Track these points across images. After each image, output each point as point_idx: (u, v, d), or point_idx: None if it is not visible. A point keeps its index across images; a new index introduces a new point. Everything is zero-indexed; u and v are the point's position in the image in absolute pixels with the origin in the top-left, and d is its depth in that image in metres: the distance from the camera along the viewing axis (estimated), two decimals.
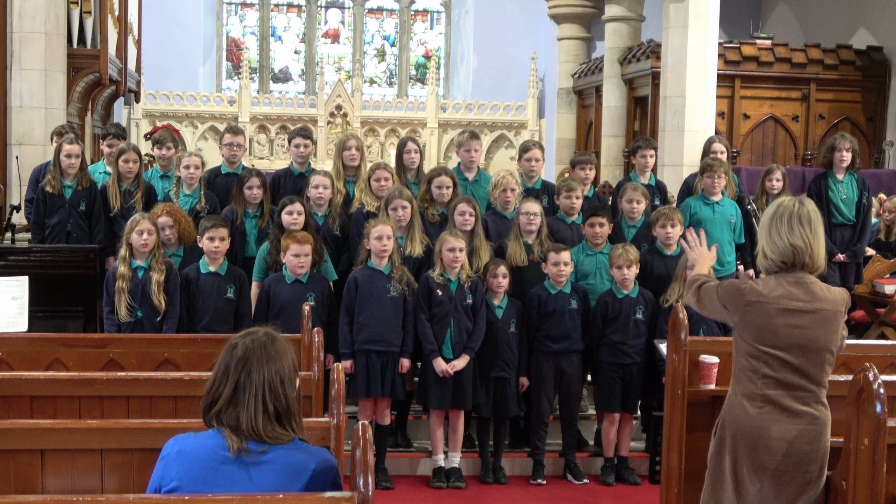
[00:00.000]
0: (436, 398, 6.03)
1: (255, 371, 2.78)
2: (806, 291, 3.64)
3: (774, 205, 3.74)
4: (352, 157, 7.04)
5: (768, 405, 3.65)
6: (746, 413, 3.68)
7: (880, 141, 12.52)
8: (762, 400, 3.65)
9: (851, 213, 7.89)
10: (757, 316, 3.65)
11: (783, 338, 3.63)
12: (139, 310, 5.86)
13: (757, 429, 3.65)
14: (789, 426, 3.63)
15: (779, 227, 3.64)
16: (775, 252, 3.65)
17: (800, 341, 3.62)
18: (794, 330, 3.62)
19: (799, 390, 3.65)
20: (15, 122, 9.27)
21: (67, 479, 3.45)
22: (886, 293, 8.21)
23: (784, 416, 3.64)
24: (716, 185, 7.17)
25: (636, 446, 6.55)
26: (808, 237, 3.62)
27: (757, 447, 3.65)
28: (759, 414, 3.65)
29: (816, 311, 3.63)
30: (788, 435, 3.63)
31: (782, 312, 3.62)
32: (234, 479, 2.73)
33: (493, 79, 17.45)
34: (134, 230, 5.86)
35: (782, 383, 3.64)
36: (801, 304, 3.62)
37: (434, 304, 6.03)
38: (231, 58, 18.54)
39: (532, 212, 6.36)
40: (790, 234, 3.62)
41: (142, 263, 5.89)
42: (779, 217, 3.65)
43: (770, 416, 3.64)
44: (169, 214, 6.34)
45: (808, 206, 3.66)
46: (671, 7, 10.28)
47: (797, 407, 3.64)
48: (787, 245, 3.62)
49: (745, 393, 3.70)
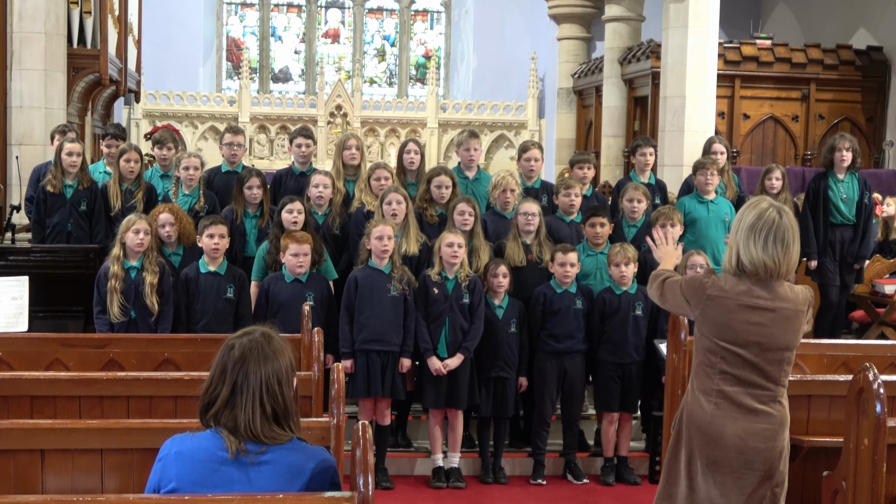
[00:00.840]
0: (431, 397, 6.03)
1: (252, 373, 2.77)
2: (768, 290, 3.63)
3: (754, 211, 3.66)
4: (352, 157, 7.05)
5: (724, 401, 3.64)
6: (702, 409, 3.67)
7: (880, 141, 12.52)
8: (718, 395, 3.65)
9: (851, 213, 7.89)
10: (716, 311, 3.65)
11: (741, 334, 3.62)
12: (132, 310, 5.85)
13: (711, 425, 3.64)
14: (744, 424, 3.62)
15: (756, 240, 3.61)
16: (749, 262, 3.63)
17: (758, 338, 3.62)
18: (752, 327, 3.61)
19: (755, 388, 3.64)
20: (15, 122, 9.27)
21: (67, 479, 3.45)
22: (886, 293, 8.21)
23: (739, 414, 3.63)
24: (709, 182, 7.18)
25: (636, 446, 6.55)
26: (779, 257, 3.61)
27: (711, 443, 3.65)
28: (715, 410, 3.64)
29: (777, 309, 3.62)
30: (743, 432, 3.62)
31: (742, 308, 3.62)
32: (233, 480, 2.73)
33: (493, 79, 17.44)
34: (130, 230, 5.85)
35: (738, 380, 3.63)
36: (762, 302, 3.61)
37: (430, 303, 6.03)
38: (231, 58, 18.54)
39: (530, 212, 6.36)
40: (764, 252, 3.60)
41: (134, 263, 5.88)
42: (759, 230, 3.61)
43: (725, 413, 3.63)
44: (171, 212, 6.36)
45: (786, 220, 3.62)
46: (671, 7, 10.28)
47: (753, 405, 3.63)
48: (761, 261, 3.61)
49: (702, 388, 3.70)
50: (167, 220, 6.28)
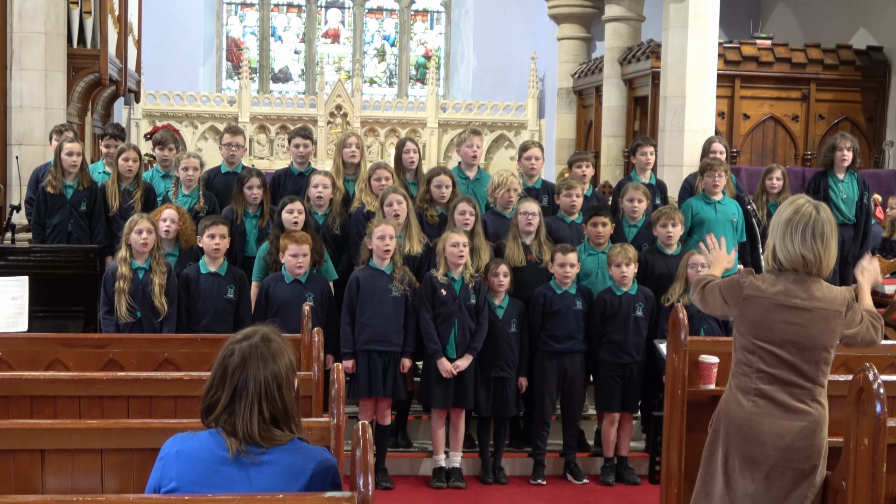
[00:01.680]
0: (439, 398, 6.03)
1: (251, 378, 2.76)
2: (805, 290, 3.66)
3: (792, 208, 3.70)
4: (351, 154, 7.05)
5: (762, 399, 3.67)
6: (740, 406, 3.70)
7: (880, 141, 12.52)
8: (755, 394, 3.68)
9: (851, 213, 7.89)
10: (754, 310, 3.69)
11: (778, 333, 3.65)
12: (139, 310, 5.85)
13: (749, 422, 3.67)
14: (782, 421, 3.64)
15: (793, 235, 3.65)
16: (787, 258, 3.68)
17: (795, 338, 3.64)
18: (789, 326, 3.64)
19: (793, 387, 3.66)
20: (15, 122, 9.27)
21: (67, 479, 3.45)
22: (886, 293, 8.20)
23: (777, 411, 3.65)
24: (717, 184, 7.18)
25: (636, 446, 6.56)
26: (819, 251, 3.64)
27: (748, 441, 3.67)
28: (752, 408, 3.67)
29: (814, 309, 3.65)
30: (780, 430, 3.64)
31: (779, 308, 3.65)
32: (234, 480, 2.73)
33: (493, 79, 17.43)
34: (133, 230, 5.86)
35: (776, 378, 3.66)
36: (799, 302, 3.64)
37: (438, 304, 6.02)
38: (231, 58, 18.54)
39: (530, 211, 6.35)
40: (802, 246, 3.64)
41: (142, 264, 5.88)
42: (795, 224, 3.65)
43: (763, 411, 3.65)
44: (177, 210, 6.40)
45: (824, 215, 3.67)
46: (671, 7, 10.28)
47: (791, 403, 3.65)
48: (799, 255, 3.65)
49: (740, 387, 3.73)
50: (170, 216, 6.30)
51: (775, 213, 3.80)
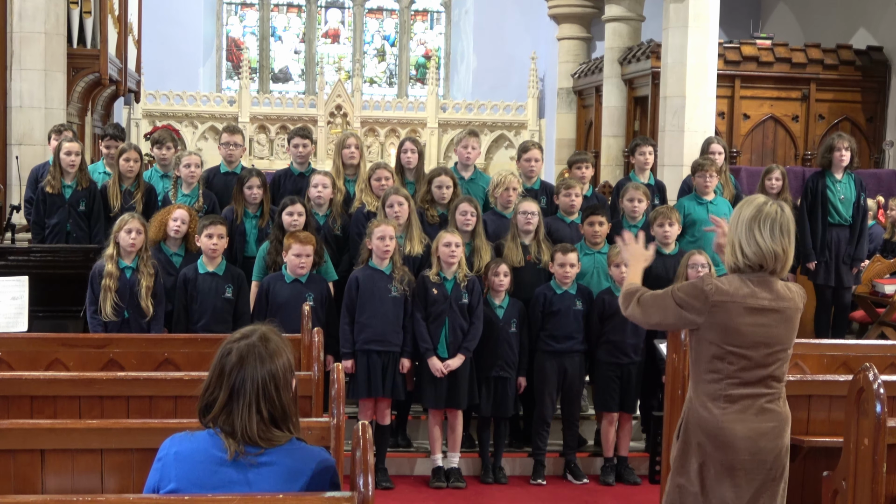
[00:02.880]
0: (431, 397, 6.03)
1: (248, 378, 2.75)
2: (769, 290, 3.62)
3: (752, 205, 3.64)
4: (351, 155, 7.05)
5: (733, 405, 3.62)
6: (710, 414, 3.64)
7: (880, 141, 12.52)
8: (726, 400, 3.62)
9: (848, 213, 7.88)
10: (723, 316, 3.60)
11: (749, 336, 3.60)
12: (126, 310, 5.84)
13: (722, 429, 3.62)
14: (753, 425, 3.62)
15: (762, 230, 3.59)
16: (756, 254, 3.60)
17: (764, 339, 3.61)
18: (758, 328, 3.60)
19: (763, 388, 3.64)
20: (15, 122, 9.27)
21: (67, 479, 3.45)
22: (886, 293, 8.21)
23: (748, 415, 3.62)
24: (708, 184, 7.18)
25: (636, 446, 6.56)
26: (787, 247, 3.61)
27: (724, 448, 3.63)
28: (724, 414, 3.62)
29: (780, 309, 3.63)
30: (753, 433, 3.61)
31: (748, 311, 3.60)
32: (233, 481, 2.72)
33: (493, 79, 17.44)
34: (122, 229, 5.85)
35: (746, 382, 3.63)
36: (767, 303, 3.61)
37: (429, 303, 6.02)
38: (231, 58, 18.54)
39: (530, 211, 6.35)
40: (773, 241, 3.59)
41: (129, 263, 5.87)
42: (762, 220, 3.59)
43: (735, 416, 3.62)
44: (188, 211, 6.40)
45: (788, 213, 3.65)
46: (671, 7, 10.28)
47: (761, 404, 3.63)
48: (770, 250, 3.59)
49: (708, 394, 3.66)
50: (181, 216, 6.30)
51: (735, 211, 3.72)
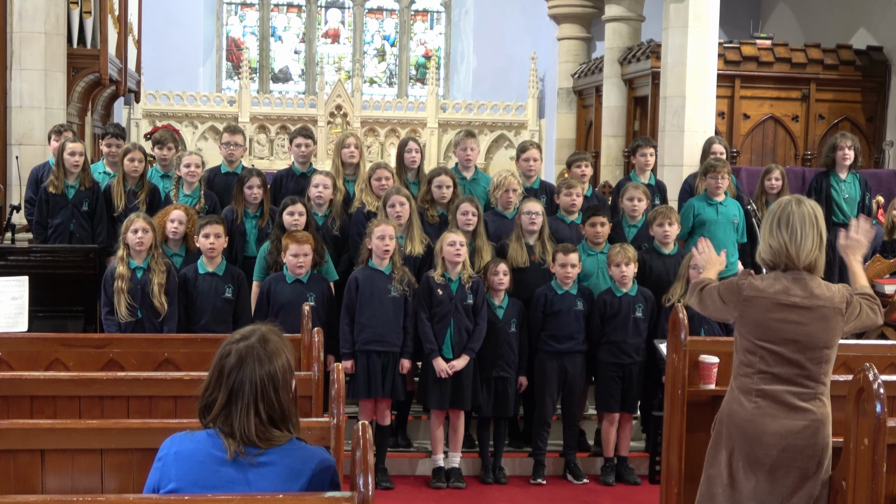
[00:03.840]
0: (435, 398, 6.03)
1: (247, 379, 2.75)
2: (804, 288, 3.68)
3: (775, 205, 3.82)
4: (350, 155, 7.05)
5: (764, 400, 3.68)
6: (742, 407, 3.71)
7: (880, 141, 12.51)
8: (757, 395, 3.69)
9: (853, 212, 7.89)
10: (754, 310, 3.71)
11: (778, 332, 3.67)
12: (139, 310, 5.85)
13: (752, 423, 3.68)
14: (785, 421, 3.65)
15: (773, 230, 3.74)
16: (770, 253, 3.76)
17: (795, 336, 3.66)
18: (789, 325, 3.65)
19: (795, 385, 3.67)
20: (15, 122, 9.26)
21: (67, 479, 3.45)
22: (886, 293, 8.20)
23: (780, 412, 3.66)
24: (719, 185, 7.18)
25: (636, 446, 6.56)
26: (784, 240, 3.69)
27: (752, 442, 3.68)
28: (755, 409, 3.68)
29: (814, 307, 3.67)
30: (783, 430, 3.64)
31: (778, 307, 3.67)
32: (232, 481, 2.72)
33: (493, 79, 17.42)
34: (129, 229, 5.86)
35: (778, 378, 3.66)
36: (798, 300, 3.67)
37: (434, 304, 6.02)
38: (231, 58, 18.53)
39: (534, 211, 6.35)
40: (770, 236, 3.73)
41: (140, 263, 5.88)
42: (776, 218, 3.75)
43: (765, 412, 3.66)
44: (185, 211, 6.39)
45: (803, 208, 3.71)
46: (671, 7, 10.27)
47: (794, 402, 3.66)
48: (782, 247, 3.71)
49: (741, 388, 3.74)
50: (178, 217, 6.30)
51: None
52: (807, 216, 3.71)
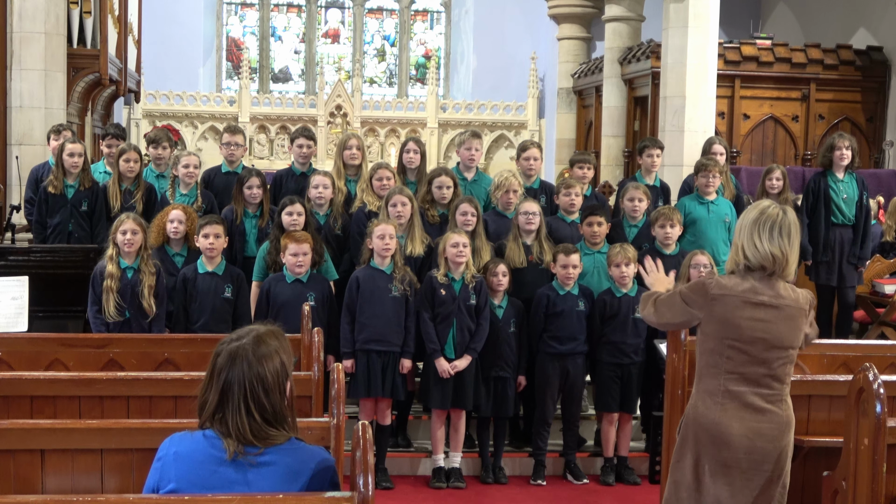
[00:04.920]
0: (437, 398, 6.03)
1: (235, 380, 2.74)
2: (771, 287, 3.69)
3: (757, 209, 3.76)
4: (352, 157, 7.05)
5: (730, 401, 3.66)
6: (708, 410, 3.68)
7: (880, 141, 12.52)
8: (724, 395, 3.67)
9: (852, 212, 7.88)
10: (721, 308, 3.68)
11: (746, 331, 3.65)
12: (128, 310, 5.85)
13: (718, 425, 3.66)
14: (751, 423, 3.64)
15: (762, 233, 3.68)
16: (755, 256, 3.69)
17: (763, 335, 3.65)
18: (757, 323, 3.65)
19: (761, 387, 3.66)
20: (15, 122, 9.26)
21: (67, 479, 3.45)
22: (886, 293, 8.21)
23: (746, 413, 3.65)
24: (710, 184, 7.19)
25: (636, 446, 6.56)
26: (786, 249, 3.68)
27: (719, 444, 3.66)
28: (722, 410, 3.66)
29: (780, 307, 3.67)
30: (749, 432, 3.63)
31: (747, 305, 3.66)
32: (232, 481, 2.72)
33: (493, 79, 17.43)
34: (118, 230, 5.85)
35: (745, 379, 3.66)
36: (766, 299, 3.67)
37: (437, 304, 6.02)
38: (231, 58, 18.54)
39: (531, 211, 6.35)
40: (770, 243, 3.67)
41: (130, 264, 5.87)
42: (762, 223, 3.69)
43: (732, 413, 3.65)
44: (183, 210, 6.38)
45: (791, 216, 3.72)
46: (671, 7, 10.28)
47: (759, 404, 3.66)
48: (768, 253, 3.67)
49: (707, 390, 3.72)
50: (177, 217, 6.29)
51: (741, 216, 3.84)
52: (795, 226, 3.72)
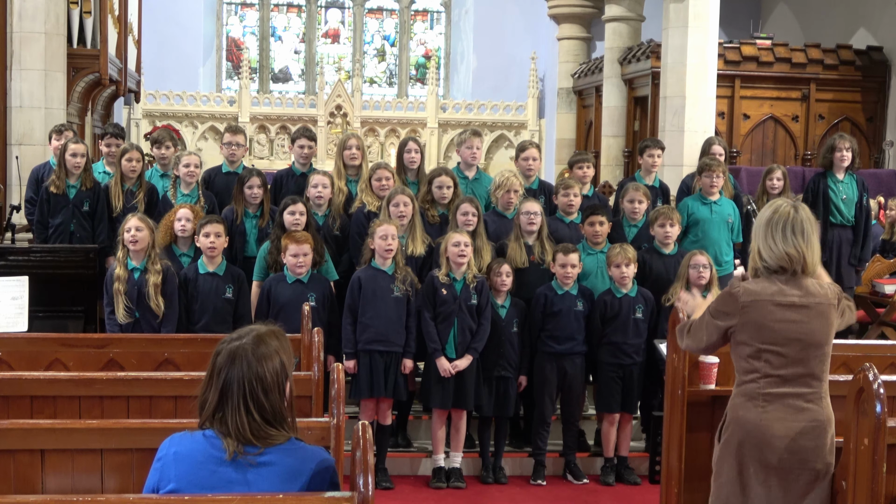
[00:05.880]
0: (438, 398, 6.03)
1: (234, 379, 2.74)
2: (798, 287, 3.69)
3: (770, 208, 3.77)
4: (352, 157, 7.05)
5: (771, 403, 3.67)
6: (749, 413, 3.69)
7: (880, 141, 12.52)
8: (764, 399, 3.68)
9: (851, 213, 7.88)
10: (755, 314, 3.68)
11: (781, 332, 3.66)
12: (137, 311, 5.86)
13: (760, 427, 3.66)
14: (792, 423, 3.65)
15: (774, 234, 3.69)
16: (771, 257, 3.70)
17: (797, 335, 3.66)
18: (790, 325, 3.65)
19: (801, 386, 3.67)
20: (15, 122, 9.26)
21: (67, 479, 3.45)
22: (886, 293, 8.21)
23: (787, 414, 3.65)
24: (714, 184, 7.19)
25: (636, 446, 6.56)
26: (801, 247, 3.68)
27: (761, 446, 3.66)
28: (762, 413, 3.67)
29: (811, 305, 3.68)
30: (791, 432, 3.64)
31: (778, 307, 3.67)
32: (232, 481, 2.72)
33: (493, 79, 17.43)
34: (124, 228, 5.87)
35: (784, 380, 3.66)
36: (796, 299, 3.67)
37: (438, 304, 6.03)
38: (231, 58, 18.53)
39: (532, 211, 6.35)
40: (784, 243, 3.67)
41: (137, 265, 5.88)
42: (775, 223, 3.70)
43: (773, 415, 3.65)
44: (191, 209, 6.40)
45: (803, 213, 3.72)
46: (671, 7, 10.27)
47: (800, 404, 3.66)
48: (783, 253, 3.68)
49: (746, 393, 3.73)
50: (185, 215, 6.31)
51: (757, 217, 3.84)
52: (810, 222, 3.71)
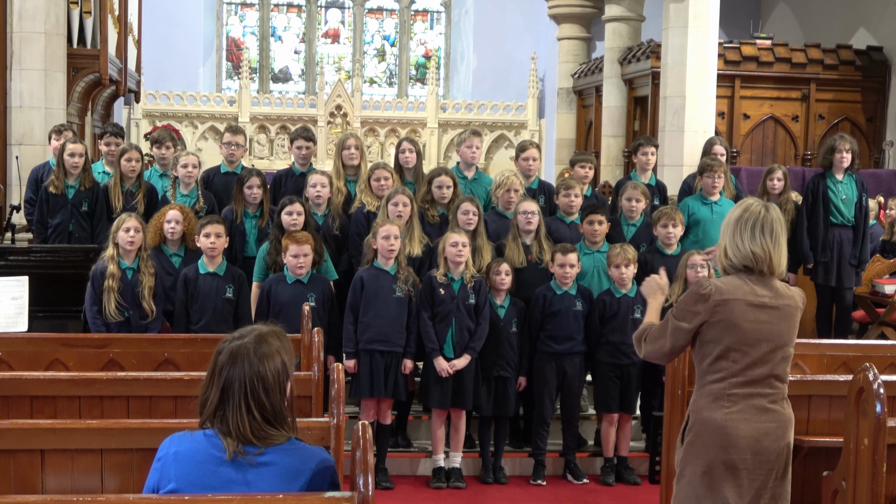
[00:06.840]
0: (436, 397, 6.03)
1: (236, 378, 2.74)
2: (769, 287, 3.67)
3: (741, 207, 3.73)
4: (351, 157, 7.05)
5: (736, 404, 3.64)
6: (715, 413, 3.65)
7: (880, 141, 12.52)
8: (729, 399, 3.64)
9: (851, 213, 7.88)
10: (727, 313, 3.64)
11: (751, 333, 3.63)
12: (128, 310, 5.85)
13: (725, 428, 3.63)
14: (757, 424, 3.63)
15: (742, 232, 3.66)
16: (736, 255, 3.68)
17: (766, 336, 3.64)
18: (761, 325, 3.63)
19: (765, 387, 3.65)
20: (15, 122, 9.27)
21: (67, 479, 3.45)
22: (886, 293, 8.20)
23: (752, 415, 3.63)
24: (715, 185, 7.19)
25: (636, 446, 6.56)
26: (768, 247, 3.64)
27: (727, 447, 3.64)
28: (727, 413, 3.63)
29: (780, 307, 3.66)
30: (756, 433, 3.62)
31: (751, 307, 3.63)
32: (232, 481, 2.71)
33: (493, 79, 17.43)
34: (121, 228, 5.86)
35: (750, 381, 3.64)
36: (767, 300, 3.64)
37: (436, 304, 6.03)
38: (231, 58, 18.53)
39: (530, 210, 6.35)
40: (752, 242, 3.64)
41: (130, 264, 5.88)
42: (744, 221, 3.67)
43: (738, 416, 3.63)
44: (181, 210, 6.38)
45: (774, 214, 3.69)
46: (671, 7, 10.28)
47: (764, 405, 3.64)
48: (748, 251, 3.65)
49: (712, 394, 3.68)
50: (175, 217, 6.29)
51: (726, 215, 3.80)
52: (779, 223, 3.68)
